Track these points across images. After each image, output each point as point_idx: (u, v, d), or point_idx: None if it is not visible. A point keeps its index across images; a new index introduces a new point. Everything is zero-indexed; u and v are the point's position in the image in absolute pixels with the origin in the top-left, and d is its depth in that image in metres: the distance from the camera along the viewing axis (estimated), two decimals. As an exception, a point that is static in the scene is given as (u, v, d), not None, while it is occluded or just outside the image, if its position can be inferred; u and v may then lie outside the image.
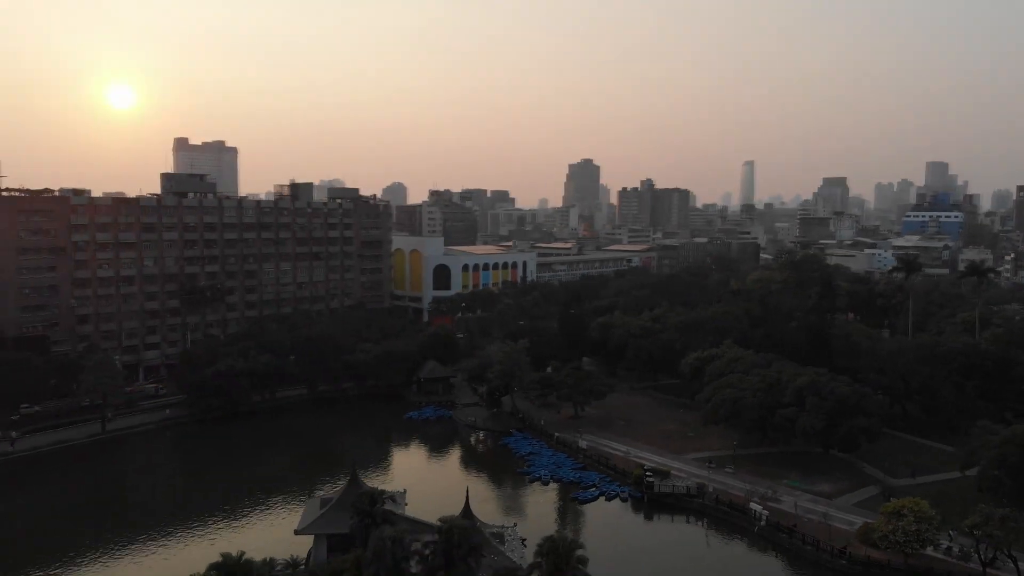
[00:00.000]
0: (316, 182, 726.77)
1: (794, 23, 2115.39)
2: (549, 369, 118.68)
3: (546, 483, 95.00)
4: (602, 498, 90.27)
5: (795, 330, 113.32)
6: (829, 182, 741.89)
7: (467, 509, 63.80)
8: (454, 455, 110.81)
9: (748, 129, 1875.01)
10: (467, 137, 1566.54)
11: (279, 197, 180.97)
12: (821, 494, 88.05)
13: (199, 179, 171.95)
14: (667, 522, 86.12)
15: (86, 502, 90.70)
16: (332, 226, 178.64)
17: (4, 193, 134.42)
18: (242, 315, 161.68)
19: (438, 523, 54.26)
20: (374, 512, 59.49)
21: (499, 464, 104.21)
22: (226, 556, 47.03)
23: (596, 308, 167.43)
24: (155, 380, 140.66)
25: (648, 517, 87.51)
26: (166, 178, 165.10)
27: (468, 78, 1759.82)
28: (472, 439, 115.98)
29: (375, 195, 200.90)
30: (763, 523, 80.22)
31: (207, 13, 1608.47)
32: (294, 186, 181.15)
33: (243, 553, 47.93)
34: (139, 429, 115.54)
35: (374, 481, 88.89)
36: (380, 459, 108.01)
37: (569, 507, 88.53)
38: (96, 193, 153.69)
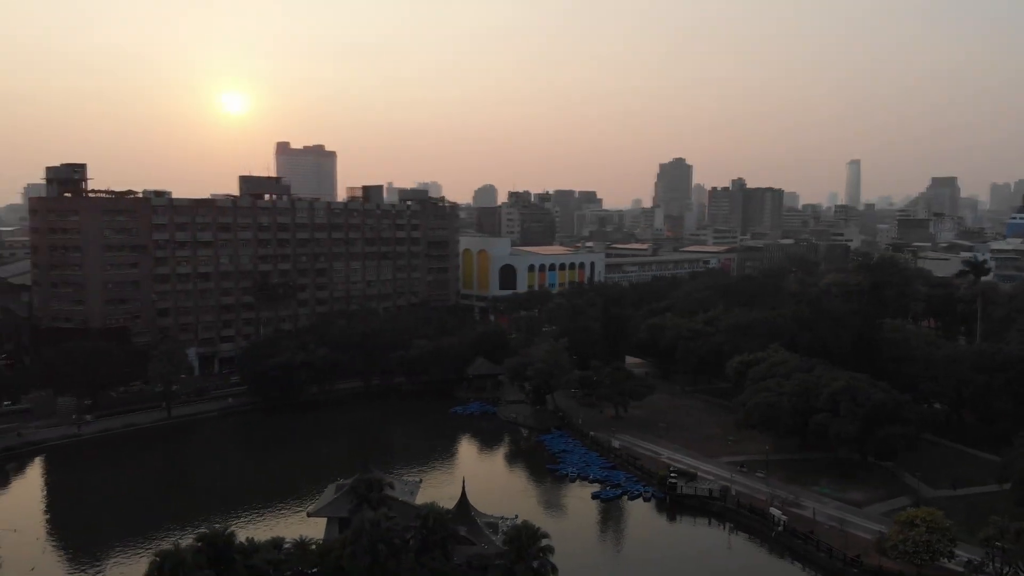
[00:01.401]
0: (414, 184, 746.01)
1: (908, 20, 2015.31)
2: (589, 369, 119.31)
3: (572, 480, 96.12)
4: (624, 497, 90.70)
5: (842, 334, 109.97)
6: (938, 182, 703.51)
7: (463, 499, 66.12)
8: (488, 449, 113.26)
9: (856, 128, 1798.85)
10: (559, 138, 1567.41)
11: (351, 199, 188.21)
12: (850, 502, 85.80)
13: (275, 182, 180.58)
14: (686, 524, 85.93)
15: (149, 482, 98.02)
16: (400, 227, 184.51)
17: (91, 195, 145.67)
18: (312, 311, 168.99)
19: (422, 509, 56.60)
20: (370, 497, 62.49)
21: (530, 460, 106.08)
22: (211, 529, 50.87)
23: (654, 309, 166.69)
24: (229, 371, 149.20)
25: (671, 518, 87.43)
26: (244, 180, 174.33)
27: (562, 79, 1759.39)
28: (511, 435, 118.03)
29: (443, 197, 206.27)
30: (780, 528, 79.07)
31: (314, 20, 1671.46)
32: (365, 188, 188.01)
33: (229, 527, 51.64)
34: (202, 416, 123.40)
35: (403, 471, 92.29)
36: (417, 450, 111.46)
37: (589, 505, 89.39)
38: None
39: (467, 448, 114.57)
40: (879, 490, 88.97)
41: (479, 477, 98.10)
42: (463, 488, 67.00)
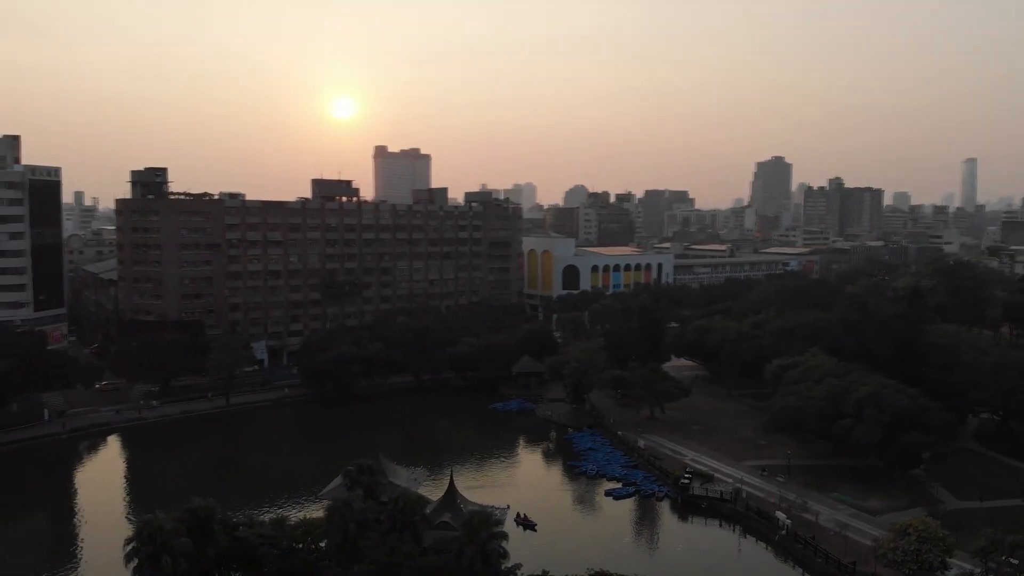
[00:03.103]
0: (508, 186, 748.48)
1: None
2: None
3: (591, 477, 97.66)
4: (637, 496, 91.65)
5: (884, 339, 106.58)
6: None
7: (451, 487, 69.42)
8: (516, 444, 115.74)
9: (975, 123, 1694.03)
10: (652, 138, 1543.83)
11: (417, 201, 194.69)
12: (867, 510, 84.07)
13: (345, 185, 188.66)
14: (694, 525, 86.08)
15: (197, 463, 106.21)
16: (462, 227, 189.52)
17: (171, 197, 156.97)
18: (377, 308, 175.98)
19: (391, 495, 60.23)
20: (360, 480, 66.60)
21: (553, 456, 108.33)
22: (198, 503, 55.97)
23: (711, 311, 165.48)
24: (296, 363, 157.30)
25: (681, 519, 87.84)
26: (315, 183, 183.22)
27: (653, 79, 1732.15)
28: (543, 432, 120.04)
29: (507, 198, 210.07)
30: (784, 532, 78.57)
31: (413, 24, 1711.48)
32: (430, 191, 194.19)
33: (213, 502, 56.63)
34: (258, 405, 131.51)
35: (421, 459, 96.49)
36: (446, 443, 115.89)
37: (600, 501, 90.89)
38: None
39: (495, 442, 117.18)
40: (900, 499, 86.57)
41: (497, 469, 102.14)
42: (451, 479, 70.31)
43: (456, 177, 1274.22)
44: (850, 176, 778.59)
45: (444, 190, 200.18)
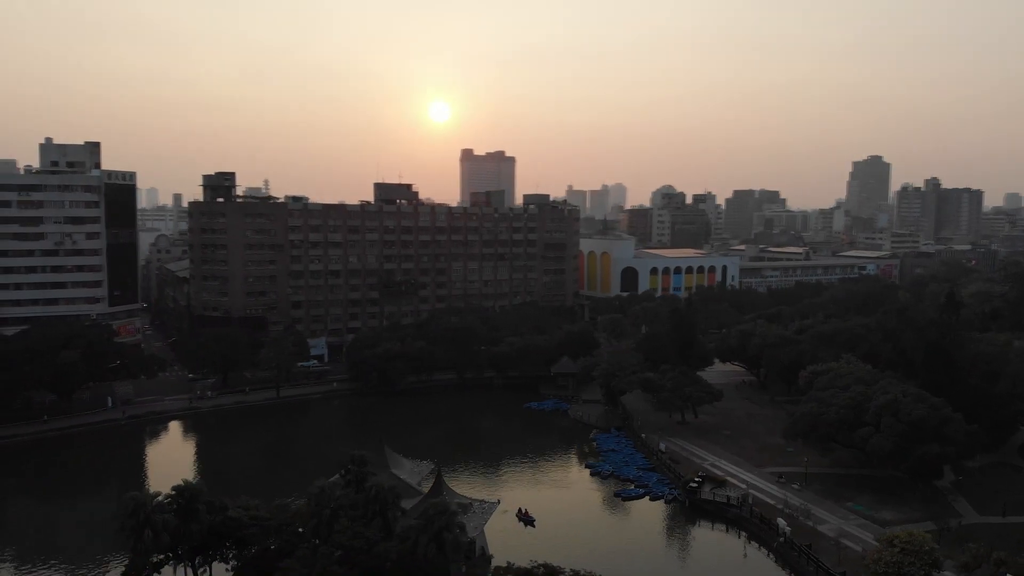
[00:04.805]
0: (596, 187, 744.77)
1: None
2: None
3: (604, 478, 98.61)
4: (647, 498, 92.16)
5: (917, 346, 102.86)
6: None
7: (439, 480, 72.36)
8: (539, 443, 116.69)
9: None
10: (745, 137, 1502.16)
11: (475, 203, 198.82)
12: (879, 521, 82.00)
13: (405, 188, 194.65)
14: (700, 529, 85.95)
15: (245, 451, 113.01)
16: (517, 229, 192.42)
17: (238, 199, 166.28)
18: (433, 307, 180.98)
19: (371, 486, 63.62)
20: (356, 471, 70.35)
21: (572, 455, 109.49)
22: (186, 481, 60.91)
23: (766, 315, 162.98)
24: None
25: (688, 522, 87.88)
26: (377, 187, 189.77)
27: (743, 77, 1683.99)
28: (570, 432, 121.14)
29: (565, 200, 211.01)
30: (782, 539, 77.85)
31: (500, 25, 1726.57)
32: (487, 193, 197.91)
33: (199, 480, 61.47)
34: (307, 397, 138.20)
35: (437, 453, 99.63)
36: (472, 438, 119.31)
37: (608, 501, 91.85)
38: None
39: (521, 439, 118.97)
40: (915, 511, 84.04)
41: (512, 465, 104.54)
42: (439, 472, 73.23)
43: (542, 179, 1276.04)
44: (956, 178, 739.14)
45: (501, 192, 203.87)
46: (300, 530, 63.31)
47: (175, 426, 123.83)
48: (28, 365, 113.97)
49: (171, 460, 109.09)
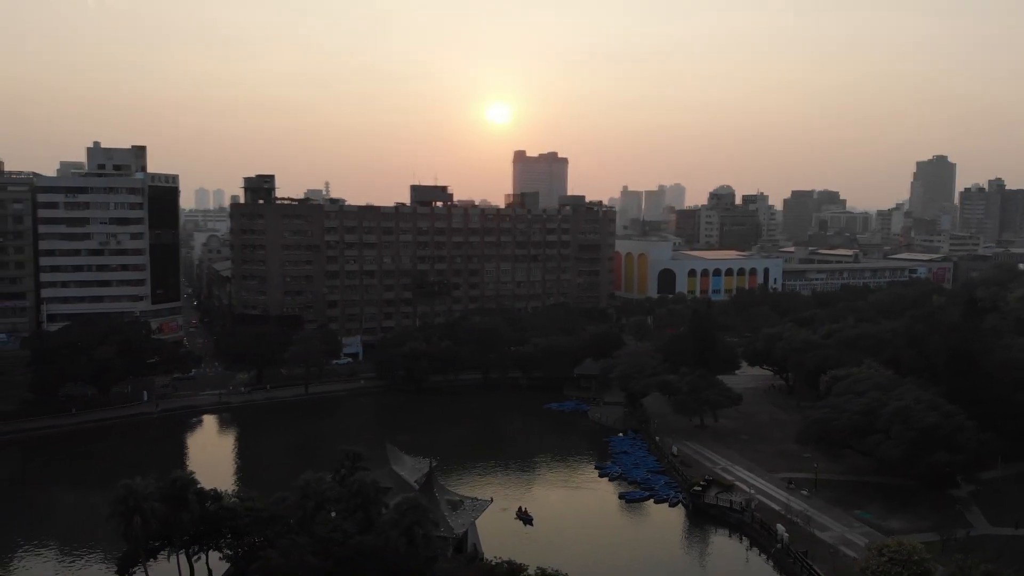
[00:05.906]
0: (654, 188, 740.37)
1: None
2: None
3: (612, 479, 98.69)
4: (651, 501, 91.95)
5: (940, 352, 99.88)
6: None
7: (431, 476, 73.77)
8: (554, 443, 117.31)
9: None
10: (807, 137, 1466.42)
11: (508, 205, 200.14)
12: (885, 530, 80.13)
13: (441, 190, 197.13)
14: (698, 532, 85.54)
15: (270, 444, 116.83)
16: (550, 231, 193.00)
17: (276, 202, 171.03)
18: (466, 307, 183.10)
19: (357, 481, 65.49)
20: (344, 464, 72.40)
21: (582, 457, 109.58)
22: (179, 473, 63.61)
23: (800, 319, 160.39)
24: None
25: (691, 526, 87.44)
26: (413, 189, 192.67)
27: (813, 76, 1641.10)
28: (587, 433, 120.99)
29: (601, 201, 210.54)
30: (779, 545, 77.01)
31: (556, 33, 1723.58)
32: (521, 195, 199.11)
33: (192, 473, 64.22)
34: (334, 394, 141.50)
35: (452, 451, 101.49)
36: (489, 437, 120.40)
37: (612, 504, 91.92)
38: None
39: (537, 440, 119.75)
40: (925, 521, 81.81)
41: (521, 465, 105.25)
42: (430, 469, 74.54)
43: (596, 180, 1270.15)
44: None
45: (535, 194, 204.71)
46: (291, 522, 65.54)
47: (208, 420, 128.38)
48: (67, 360, 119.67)
49: (195, 453, 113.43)
